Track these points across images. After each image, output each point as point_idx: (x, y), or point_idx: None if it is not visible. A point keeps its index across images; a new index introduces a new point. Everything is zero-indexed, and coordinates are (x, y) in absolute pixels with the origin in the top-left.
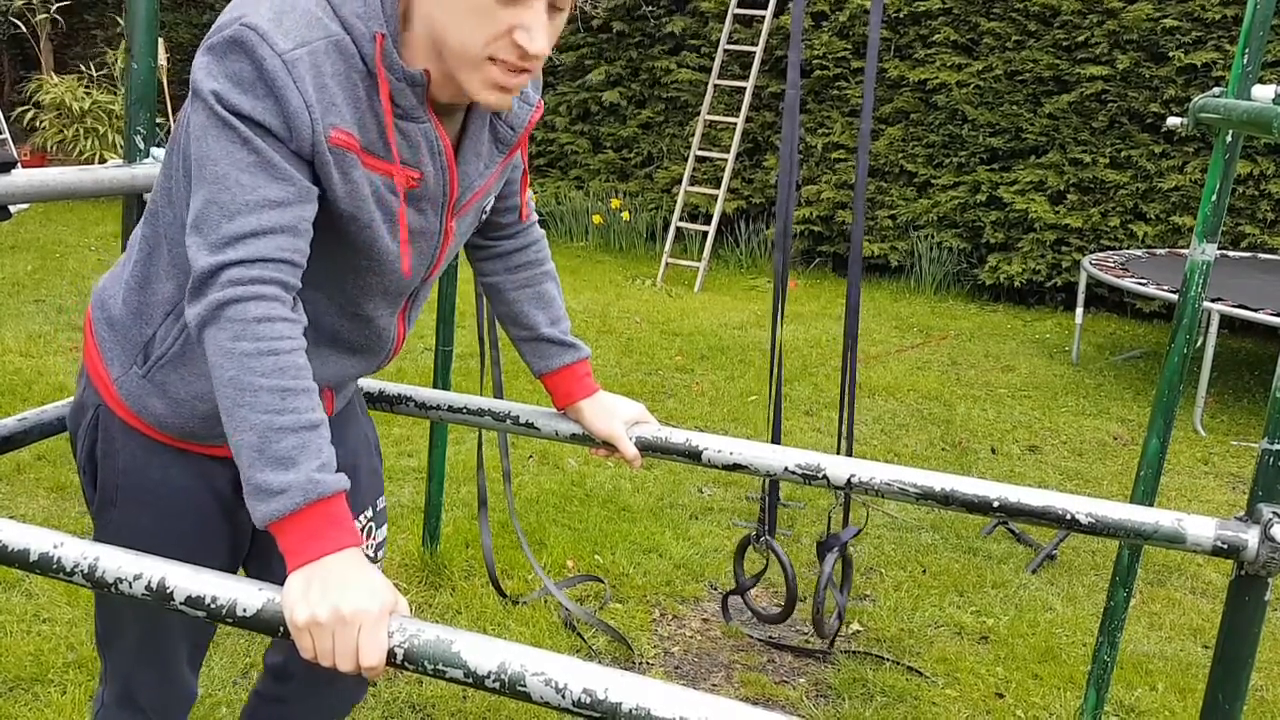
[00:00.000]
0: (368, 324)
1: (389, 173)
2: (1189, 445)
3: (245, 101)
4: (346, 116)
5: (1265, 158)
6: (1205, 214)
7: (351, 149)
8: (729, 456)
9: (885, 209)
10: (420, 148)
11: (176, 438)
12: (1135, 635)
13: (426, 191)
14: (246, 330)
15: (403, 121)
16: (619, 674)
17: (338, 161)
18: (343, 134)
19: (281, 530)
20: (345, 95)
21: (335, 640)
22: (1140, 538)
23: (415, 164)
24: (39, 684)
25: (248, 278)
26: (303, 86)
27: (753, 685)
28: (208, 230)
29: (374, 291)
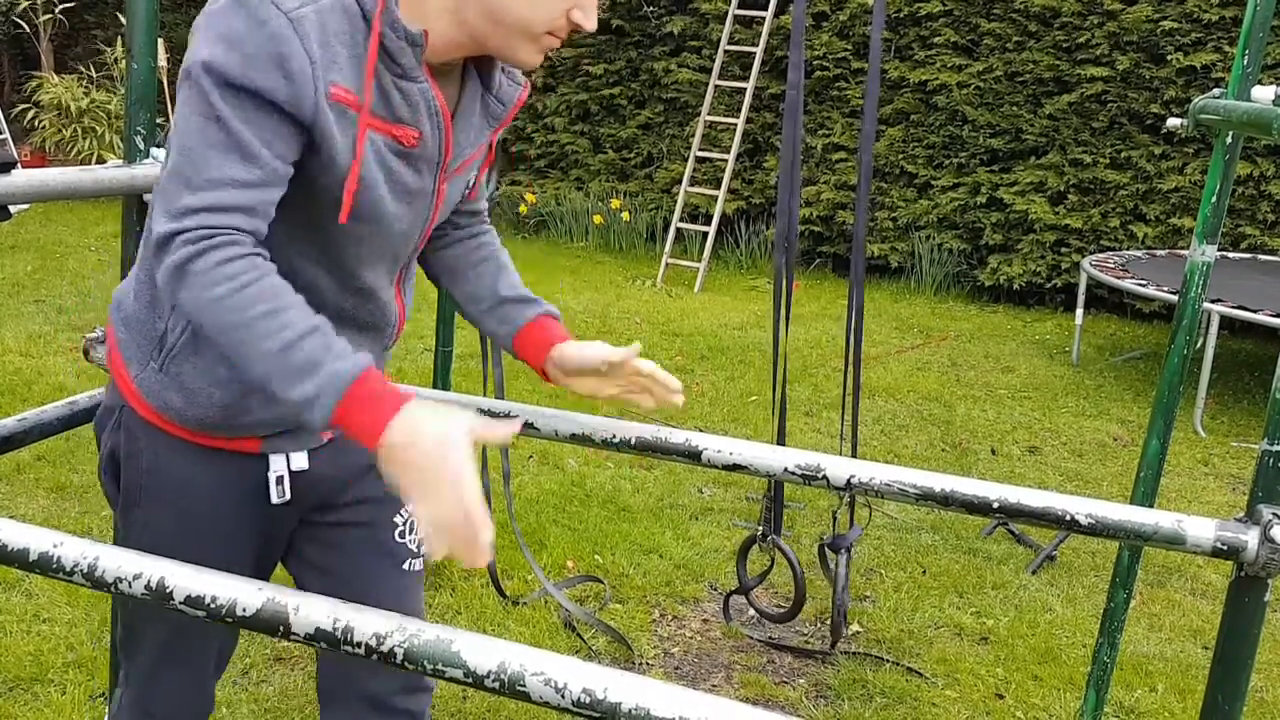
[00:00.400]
0: (370, 297)
1: (388, 131)
2: (1189, 446)
3: (238, 67)
4: (348, 74)
5: (1265, 159)
6: (1205, 215)
7: (351, 105)
8: (729, 457)
9: (885, 210)
10: (419, 107)
11: (198, 431)
12: (1135, 636)
13: (424, 152)
14: (212, 276)
15: (402, 81)
16: (619, 674)
17: (338, 118)
18: (343, 90)
19: (341, 425)
20: (349, 53)
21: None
22: (1140, 539)
23: (414, 123)
24: (39, 684)
25: (200, 235)
26: (308, 45)
27: (752, 686)
28: (168, 199)
29: (373, 259)
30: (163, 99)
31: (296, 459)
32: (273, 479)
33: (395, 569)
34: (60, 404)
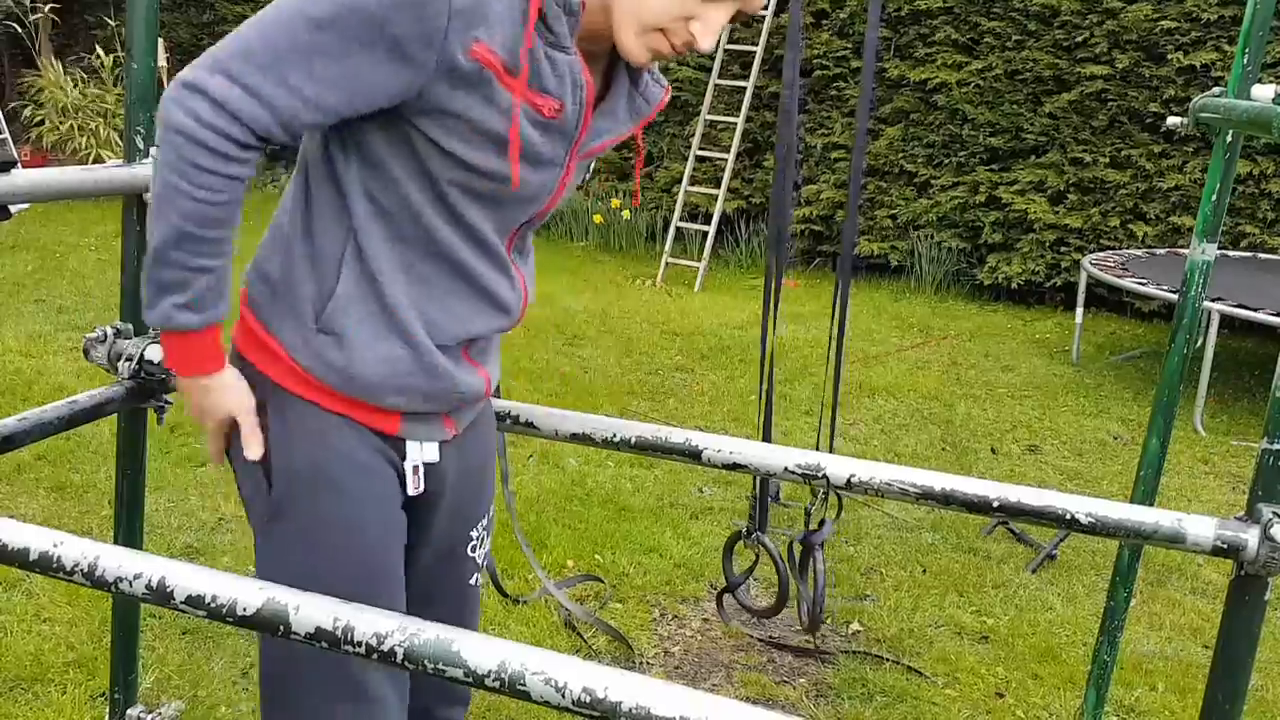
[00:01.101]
0: (498, 258)
1: (531, 100)
2: (1189, 445)
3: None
4: (497, 34)
5: (1265, 157)
6: (1205, 214)
7: (492, 67)
8: (729, 456)
9: (885, 209)
10: (565, 79)
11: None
12: (1135, 635)
13: (563, 125)
14: (181, 166)
15: (552, 50)
16: (619, 673)
17: (473, 75)
18: (486, 50)
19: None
20: (505, 11)
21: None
22: (1140, 538)
23: (558, 94)
24: (39, 683)
25: (209, 120)
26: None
27: (753, 685)
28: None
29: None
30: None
31: (428, 449)
32: (409, 468)
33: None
34: (60, 403)
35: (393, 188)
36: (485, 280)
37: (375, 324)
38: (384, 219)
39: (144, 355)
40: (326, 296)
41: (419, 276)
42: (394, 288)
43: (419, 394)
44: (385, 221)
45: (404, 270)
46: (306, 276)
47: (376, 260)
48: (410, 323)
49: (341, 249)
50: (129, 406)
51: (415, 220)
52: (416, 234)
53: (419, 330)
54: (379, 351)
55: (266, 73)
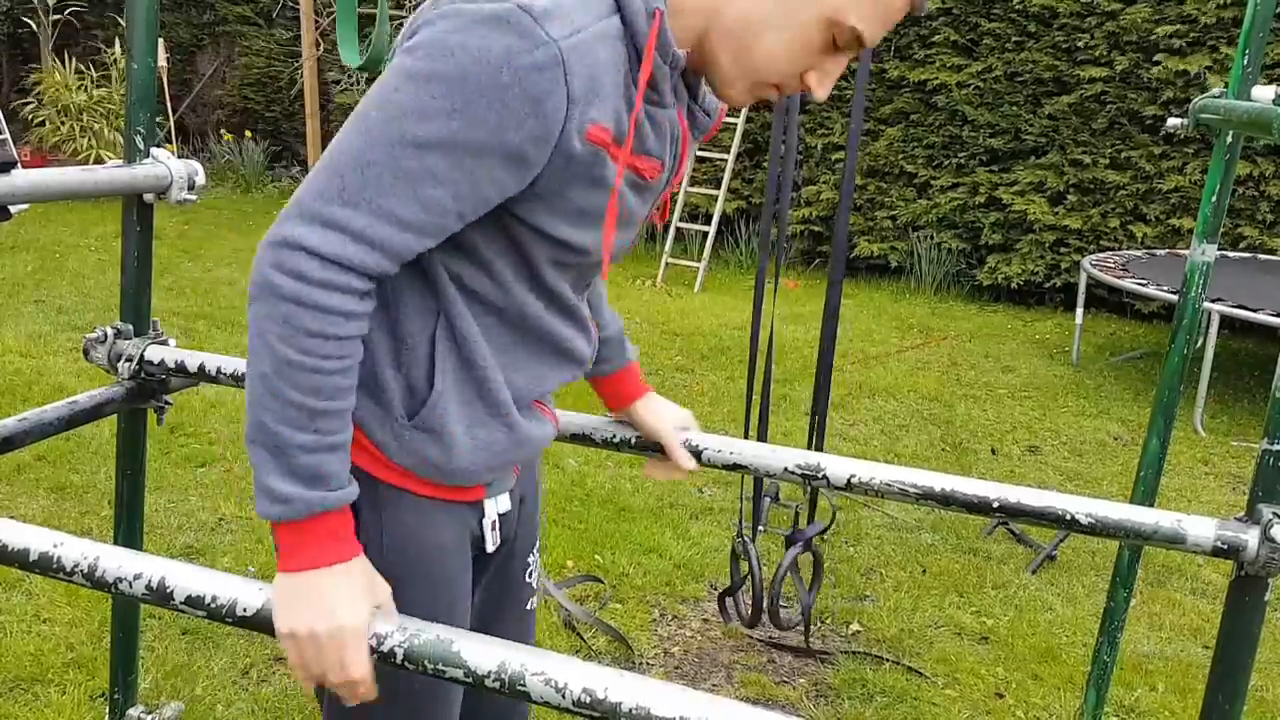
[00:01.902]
0: (574, 314)
1: (634, 165)
2: (1189, 446)
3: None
4: (608, 108)
5: (1265, 159)
6: (1205, 215)
7: (604, 144)
8: (729, 456)
9: (885, 209)
10: (665, 136)
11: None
12: (1135, 636)
13: (658, 184)
14: (295, 339)
15: (654, 109)
16: (619, 674)
17: (587, 157)
18: (600, 129)
19: (280, 531)
20: (611, 83)
21: (318, 656)
22: (1140, 538)
23: (659, 154)
24: (39, 684)
25: (320, 278)
26: (572, 82)
27: (753, 685)
28: (313, 194)
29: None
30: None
31: (502, 501)
32: (488, 525)
33: (521, 608)
34: (60, 404)
35: (483, 271)
36: (566, 341)
37: (473, 413)
38: (472, 301)
39: (144, 356)
40: (422, 392)
41: (504, 348)
42: (490, 370)
43: (510, 465)
44: (474, 303)
45: (495, 349)
46: (392, 368)
47: (468, 345)
48: (506, 403)
49: (430, 338)
50: (129, 407)
51: (505, 298)
52: (505, 311)
53: (513, 408)
54: (479, 439)
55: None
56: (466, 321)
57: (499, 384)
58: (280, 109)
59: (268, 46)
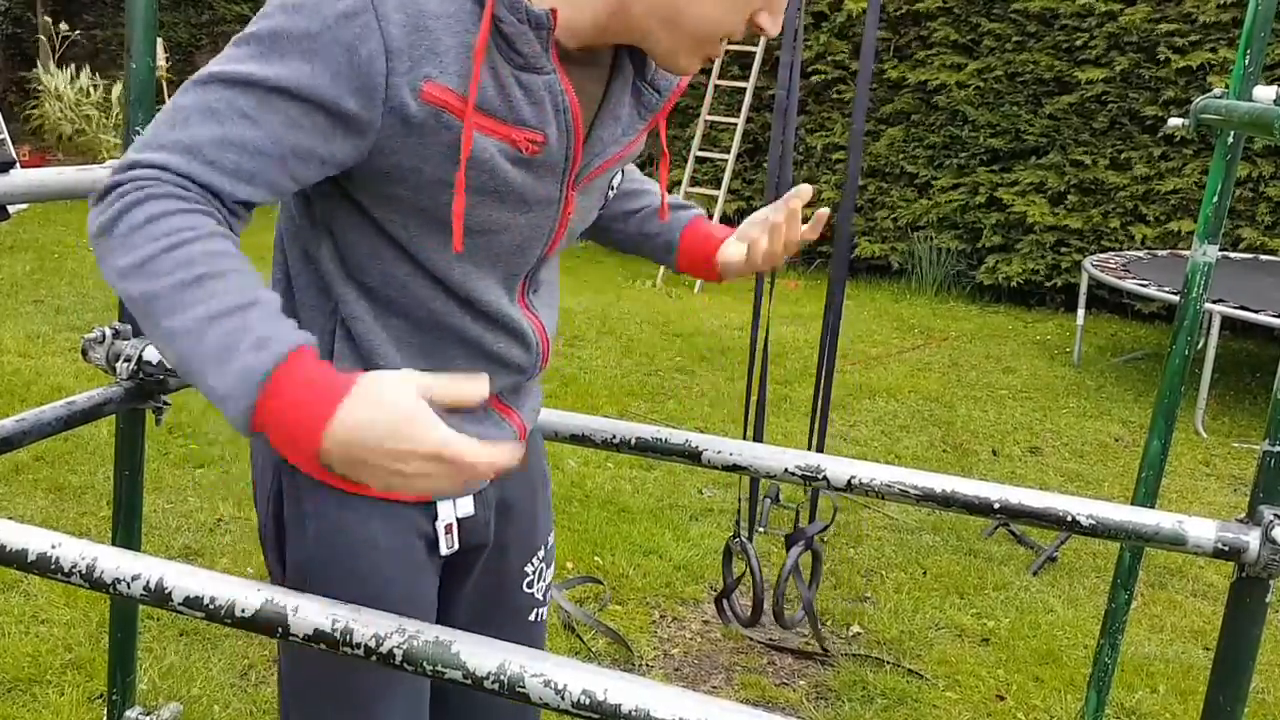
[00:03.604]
0: (497, 320)
1: (504, 135)
2: (1190, 447)
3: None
4: (451, 67)
5: (1265, 160)
6: (1206, 215)
7: (449, 107)
8: (729, 457)
9: (885, 210)
10: (544, 104)
11: None
12: (1136, 637)
13: (548, 157)
14: (136, 238)
15: (523, 73)
16: (618, 675)
17: (429, 121)
18: (439, 88)
19: (266, 428)
20: (455, 41)
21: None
22: (1141, 540)
23: (538, 124)
24: (37, 685)
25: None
26: (386, 28)
27: (753, 687)
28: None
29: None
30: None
31: (463, 504)
32: (441, 528)
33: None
34: (59, 404)
35: (370, 262)
36: (488, 344)
37: None
38: (372, 300)
39: (142, 356)
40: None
41: (419, 351)
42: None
43: None
44: (374, 303)
45: (398, 347)
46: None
47: (366, 346)
48: None
49: (331, 335)
50: (127, 407)
51: (405, 296)
52: (412, 313)
53: None
54: None
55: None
56: (364, 323)
57: None
58: None
59: None
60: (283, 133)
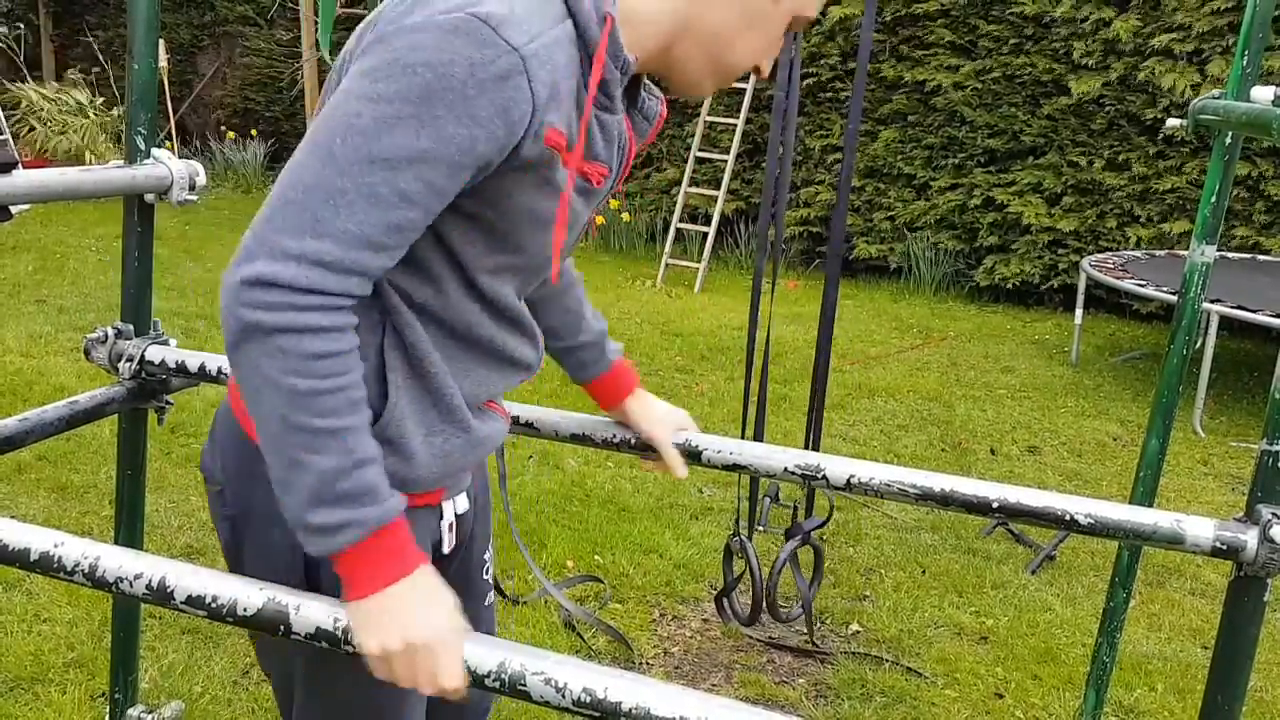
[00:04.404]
0: (518, 323)
1: (583, 170)
2: (1188, 446)
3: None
4: (563, 112)
5: (1263, 159)
6: (1204, 215)
7: (559, 148)
8: (729, 456)
9: (883, 210)
10: (613, 142)
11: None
12: (1134, 636)
13: (604, 187)
14: (302, 366)
15: (604, 114)
16: (619, 674)
17: (539, 160)
18: (555, 133)
19: (342, 561)
20: (566, 88)
21: (414, 667)
22: (1139, 539)
23: (607, 159)
24: (39, 684)
25: (307, 304)
26: (536, 87)
27: (752, 685)
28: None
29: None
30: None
31: (460, 502)
32: (445, 527)
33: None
34: (61, 404)
35: (424, 280)
36: (509, 349)
37: (429, 420)
38: (416, 310)
39: (144, 356)
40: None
41: (450, 355)
42: (442, 376)
43: (466, 468)
44: (417, 312)
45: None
46: None
47: (417, 352)
48: (460, 408)
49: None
50: (129, 407)
51: (446, 307)
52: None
53: (467, 412)
54: (435, 446)
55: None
56: (414, 330)
57: (452, 389)
58: (280, 109)
59: (268, 46)
60: (433, 201)
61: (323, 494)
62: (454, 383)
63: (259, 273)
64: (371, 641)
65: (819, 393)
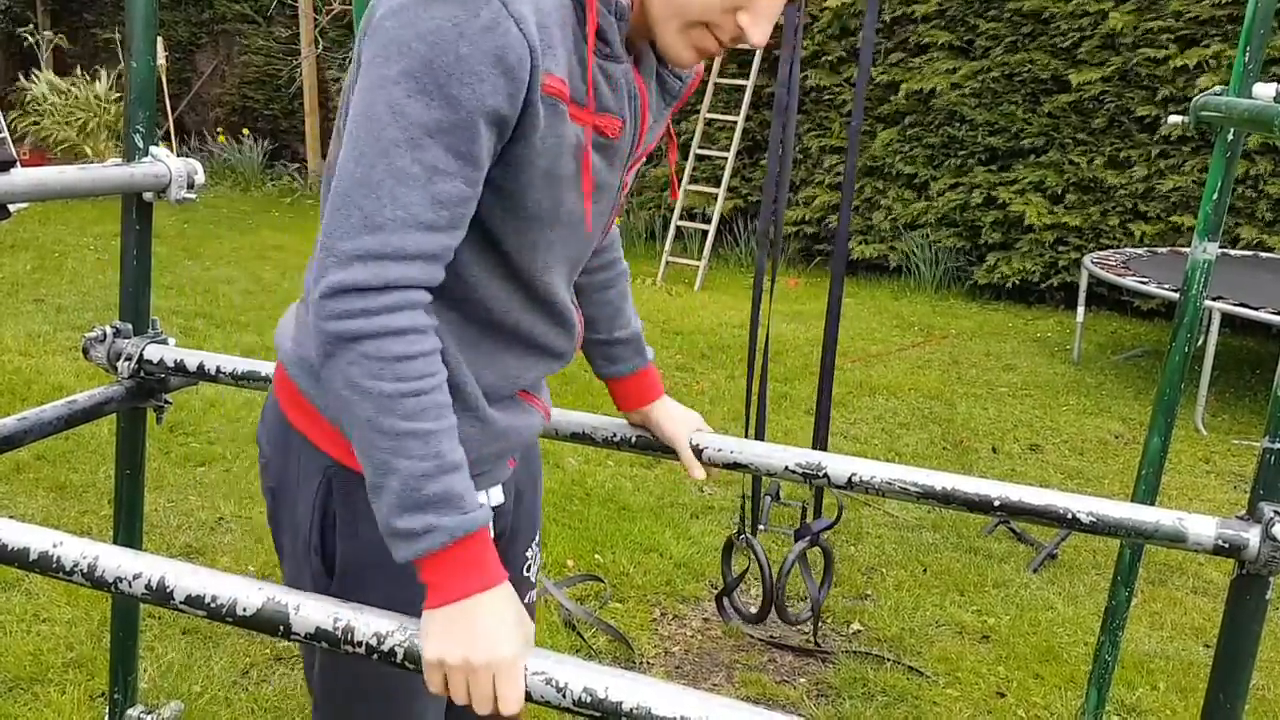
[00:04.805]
0: (555, 311)
1: (593, 123)
2: (1190, 444)
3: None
4: (559, 59)
5: (1264, 157)
6: (1206, 212)
7: (562, 98)
8: (730, 455)
9: (884, 209)
10: (621, 92)
11: None
12: (1136, 634)
13: (621, 143)
14: (386, 370)
15: (606, 62)
16: (619, 673)
17: (548, 114)
18: (556, 81)
19: (424, 566)
20: (560, 34)
21: (470, 685)
22: (1141, 537)
23: (618, 110)
24: (38, 684)
25: (382, 305)
26: (526, 29)
27: (753, 685)
28: (339, 233)
29: (557, 264)
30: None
31: (494, 494)
32: None
33: None
34: (60, 403)
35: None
36: (537, 335)
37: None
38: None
39: (143, 355)
40: None
41: (469, 343)
42: (454, 365)
43: (490, 458)
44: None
45: (458, 342)
46: None
47: None
48: (474, 397)
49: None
50: (128, 406)
51: (466, 291)
52: (467, 305)
53: (482, 402)
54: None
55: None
56: None
57: (465, 379)
58: (279, 107)
59: (267, 44)
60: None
61: (408, 498)
62: (467, 373)
63: (331, 283)
64: (431, 649)
65: (825, 391)
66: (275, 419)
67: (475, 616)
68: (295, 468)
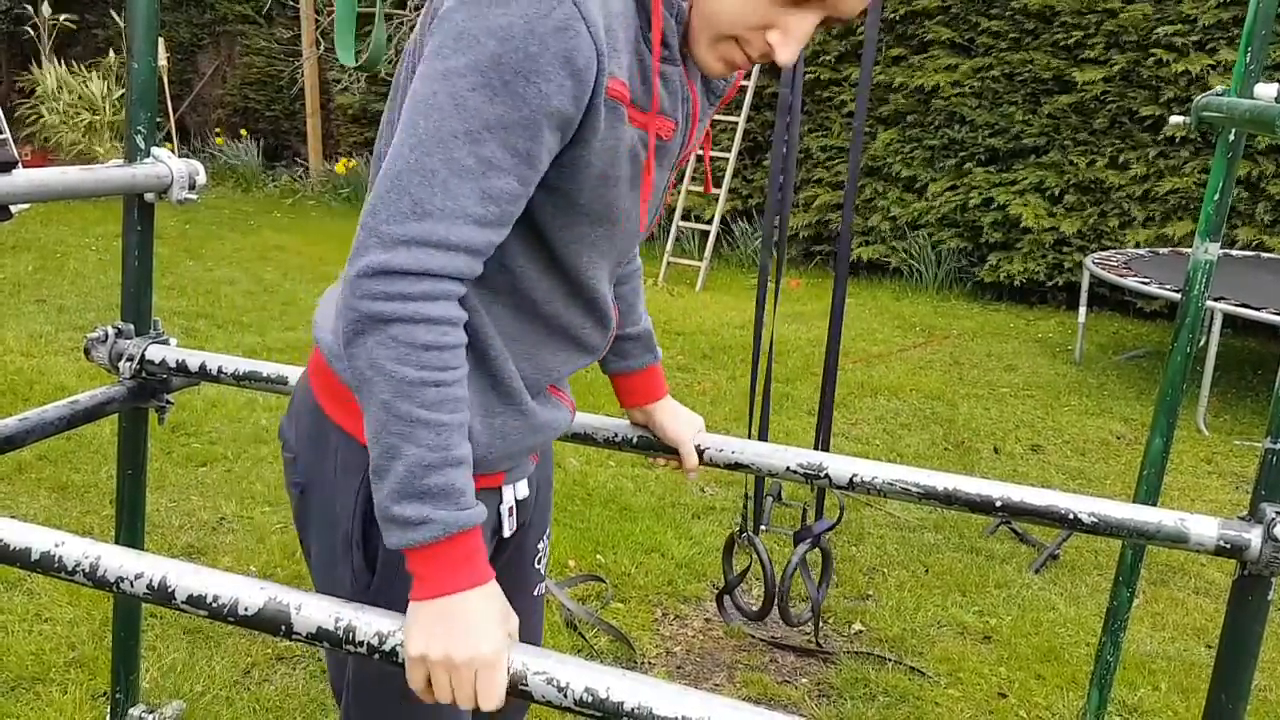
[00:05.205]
0: (594, 303)
1: (649, 125)
2: (1192, 445)
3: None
4: (622, 62)
5: (1265, 158)
6: (1208, 213)
7: (623, 101)
8: (731, 456)
9: (883, 211)
10: (676, 95)
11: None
12: (1138, 635)
13: (673, 144)
14: (412, 356)
15: (664, 65)
16: (621, 673)
17: (608, 116)
18: (618, 84)
19: (414, 557)
20: (624, 36)
21: (452, 682)
22: (1143, 537)
23: (672, 113)
24: (40, 683)
25: (419, 292)
26: (595, 32)
27: (755, 685)
28: (388, 216)
29: (602, 261)
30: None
31: (520, 488)
32: (505, 511)
33: (528, 595)
34: (61, 403)
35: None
36: (575, 329)
37: (487, 402)
38: (480, 289)
39: (145, 355)
40: None
41: (512, 336)
42: (501, 360)
43: (525, 452)
44: (481, 291)
45: (501, 335)
46: None
47: (479, 337)
48: (519, 391)
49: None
50: (130, 406)
51: (516, 281)
52: (511, 298)
53: (525, 395)
54: (494, 428)
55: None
56: (479, 314)
57: (511, 373)
58: (281, 108)
59: (268, 45)
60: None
61: (410, 486)
62: (514, 367)
63: (372, 263)
64: (415, 644)
65: (828, 392)
66: (308, 412)
67: (460, 613)
68: (332, 462)
